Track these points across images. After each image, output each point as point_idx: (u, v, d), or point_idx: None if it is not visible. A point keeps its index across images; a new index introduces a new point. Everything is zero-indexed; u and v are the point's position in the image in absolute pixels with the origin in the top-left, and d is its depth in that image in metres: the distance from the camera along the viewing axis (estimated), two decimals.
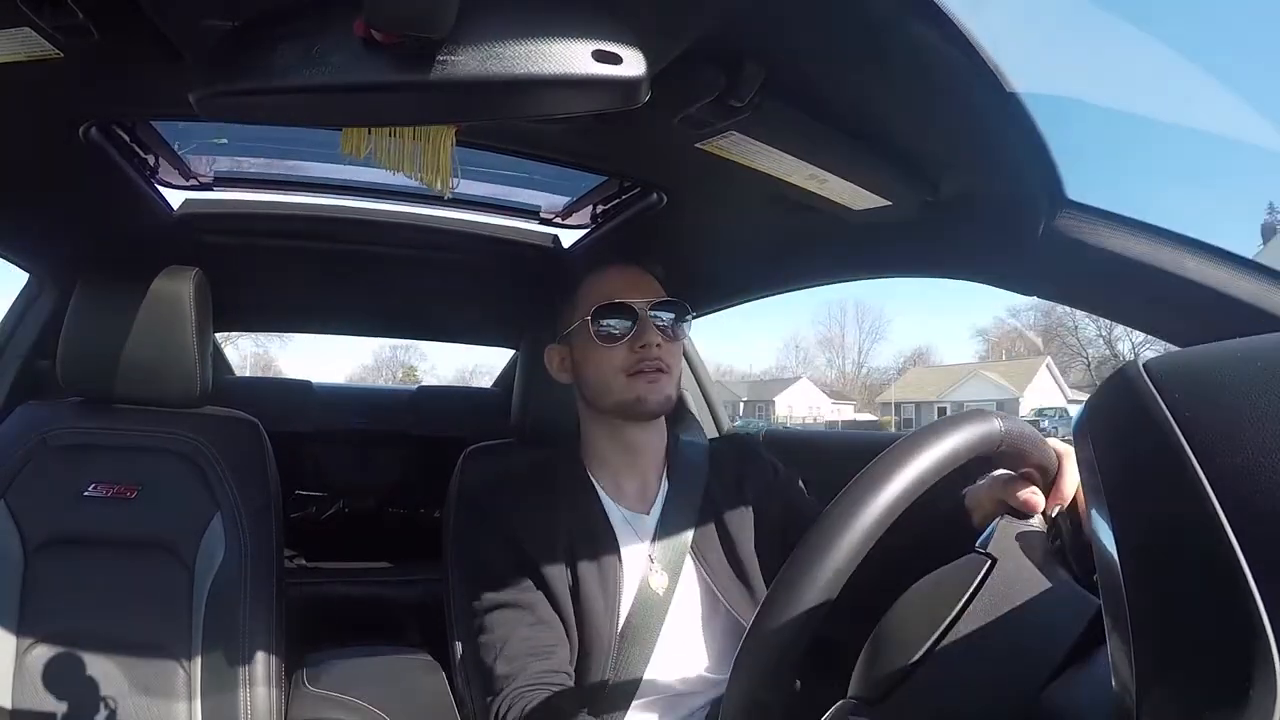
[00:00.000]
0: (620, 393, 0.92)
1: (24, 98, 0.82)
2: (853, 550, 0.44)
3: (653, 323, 0.92)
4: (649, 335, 0.91)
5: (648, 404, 0.91)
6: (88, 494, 1.05)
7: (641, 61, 0.60)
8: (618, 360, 0.91)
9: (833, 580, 0.44)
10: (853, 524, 0.45)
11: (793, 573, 0.45)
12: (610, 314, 0.92)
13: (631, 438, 0.96)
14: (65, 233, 1.28)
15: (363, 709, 1.11)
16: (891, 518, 0.45)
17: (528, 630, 0.87)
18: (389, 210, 1.43)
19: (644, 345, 0.91)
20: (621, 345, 0.91)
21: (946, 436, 0.48)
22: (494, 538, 0.93)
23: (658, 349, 0.91)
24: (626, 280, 0.94)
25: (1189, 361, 0.34)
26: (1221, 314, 0.70)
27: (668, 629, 0.89)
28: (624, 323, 0.91)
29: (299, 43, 0.59)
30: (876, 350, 40.74)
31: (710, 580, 0.93)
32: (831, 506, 0.46)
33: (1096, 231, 0.76)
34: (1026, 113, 0.69)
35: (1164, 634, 0.30)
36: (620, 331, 0.91)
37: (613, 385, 0.92)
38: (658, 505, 0.95)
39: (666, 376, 0.92)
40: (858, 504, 0.45)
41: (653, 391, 0.91)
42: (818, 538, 0.45)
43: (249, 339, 27.14)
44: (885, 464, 0.46)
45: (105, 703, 0.98)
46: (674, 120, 0.81)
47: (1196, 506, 0.28)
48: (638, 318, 0.91)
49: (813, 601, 0.43)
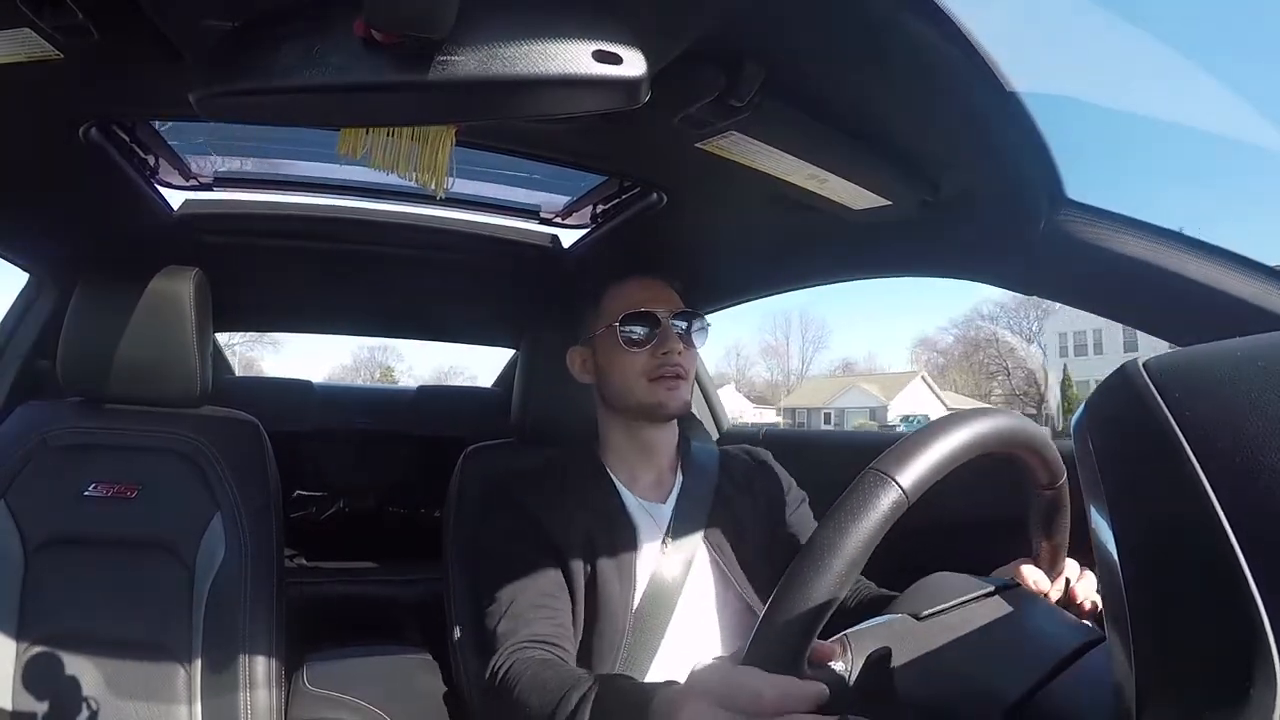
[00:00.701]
0: (642, 396, 0.97)
1: (24, 98, 0.82)
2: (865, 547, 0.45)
3: (674, 331, 0.98)
4: (671, 343, 0.97)
5: (668, 408, 0.97)
6: (88, 494, 1.05)
7: (642, 61, 0.60)
8: (640, 365, 0.97)
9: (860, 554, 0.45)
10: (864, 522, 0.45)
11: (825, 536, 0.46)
12: (636, 321, 0.98)
13: (648, 437, 1.01)
14: (65, 233, 1.28)
15: (363, 709, 1.11)
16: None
17: (534, 597, 0.89)
18: (389, 210, 1.43)
19: (666, 352, 0.97)
20: (644, 351, 0.97)
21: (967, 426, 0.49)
22: (513, 523, 0.95)
23: (678, 355, 0.97)
24: (652, 291, 1.01)
25: (1189, 361, 0.34)
26: (1221, 313, 0.70)
27: (681, 612, 0.93)
28: (648, 330, 0.98)
29: (299, 43, 0.59)
30: (819, 358, 43.51)
31: (723, 566, 0.97)
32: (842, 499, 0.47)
33: (1096, 231, 0.76)
34: (1026, 112, 0.69)
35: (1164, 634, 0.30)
36: (644, 338, 0.97)
37: (635, 388, 0.98)
38: (673, 496, 1.00)
39: (685, 382, 0.98)
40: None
41: (672, 397, 0.97)
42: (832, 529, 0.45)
43: (241, 344, 27.40)
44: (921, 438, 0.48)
45: (105, 703, 0.98)
46: (674, 120, 0.81)
47: (1196, 506, 0.28)
48: (661, 326, 0.97)
49: (839, 574, 0.44)
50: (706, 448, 1.09)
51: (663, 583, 0.93)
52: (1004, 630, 0.52)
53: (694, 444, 1.07)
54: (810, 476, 1.09)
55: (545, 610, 0.88)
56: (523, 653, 0.82)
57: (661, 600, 0.92)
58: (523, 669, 0.79)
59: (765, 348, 43.78)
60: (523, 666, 0.80)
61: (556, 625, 0.87)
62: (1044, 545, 0.63)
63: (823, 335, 44.30)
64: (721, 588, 0.97)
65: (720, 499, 1.01)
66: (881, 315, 55.93)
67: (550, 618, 0.87)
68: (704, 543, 0.97)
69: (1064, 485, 0.59)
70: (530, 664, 0.80)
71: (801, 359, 42.51)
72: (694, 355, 1.01)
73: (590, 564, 0.92)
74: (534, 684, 0.76)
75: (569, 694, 0.69)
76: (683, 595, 0.93)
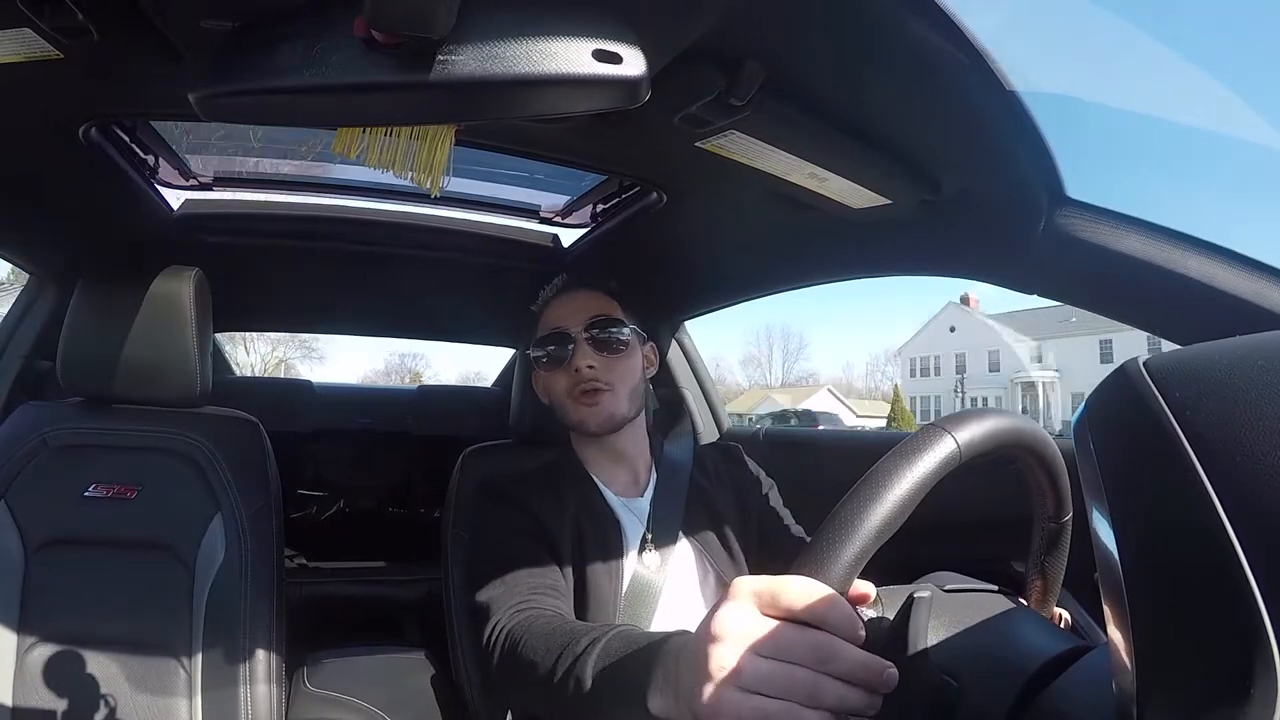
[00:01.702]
0: (567, 414, 1.00)
1: (24, 98, 0.82)
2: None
3: (586, 344, 0.97)
4: (578, 359, 0.97)
5: (587, 425, 0.98)
6: (88, 494, 1.05)
7: (642, 61, 0.60)
8: (561, 385, 0.99)
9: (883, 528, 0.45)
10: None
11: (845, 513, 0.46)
12: (547, 343, 0.99)
13: (610, 444, 1.02)
14: (65, 233, 1.28)
15: (363, 709, 1.11)
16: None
17: (529, 576, 0.88)
18: (389, 210, 1.43)
19: (577, 369, 0.97)
20: (562, 371, 0.98)
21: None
22: (511, 519, 0.95)
23: (590, 370, 0.96)
24: (570, 306, 1.00)
25: (1189, 360, 0.34)
26: (1222, 312, 0.70)
27: (666, 599, 0.95)
28: (560, 349, 0.98)
29: (299, 43, 0.59)
30: (798, 368, 48.59)
31: (704, 553, 0.99)
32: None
33: (1097, 230, 0.76)
34: (1026, 111, 0.69)
35: (1164, 634, 0.30)
36: (558, 357, 0.98)
37: (564, 408, 1.00)
38: (649, 491, 1.03)
39: (608, 394, 0.97)
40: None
41: (591, 414, 0.97)
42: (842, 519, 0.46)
43: (295, 358, 27.71)
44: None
45: (105, 703, 0.98)
46: (674, 119, 0.81)
47: (1197, 505, 0.28)
48: (573, 341, 0.97)
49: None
50: (681, 445, 1.11)
51: (647, 573, 0.96)
52: (1023, 615, 0.53)
53: (667, 443, 1.09)
54: (810, 476, 1.09)
55: (543, 579, 0.88)
56: (525, 612, 0.80)
57: (647, 590, 0.95)
58: (528, 623, 0.76)
59: (746, 358, 49.03)
60: (528, 621, 0.77)
61: (555, 590, 0.87)
62: (1038, 582, 0.62)
63: (800, 348, 50.78)
64: (703, 574, 0.99)
65: (695, 491, 1.03)
66: (850, 326, 58.67)
67: (550, 586, 0.87)
68: (683, 533, 1.00)
69: (1068, 523, 0.58)
70: (535, 619, 0.77)
71: (783, 368, 47.94)
72: (620, 362, 0.99)
73: (580, 557, 0.94)
74: (542, 632, 0.73)
75: (578, 639, 0.66)
76: (667, 584, 0.96)
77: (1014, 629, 0.51)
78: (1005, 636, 0.50)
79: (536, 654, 0.70)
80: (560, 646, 0.67)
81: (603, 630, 0.65)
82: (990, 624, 0.51)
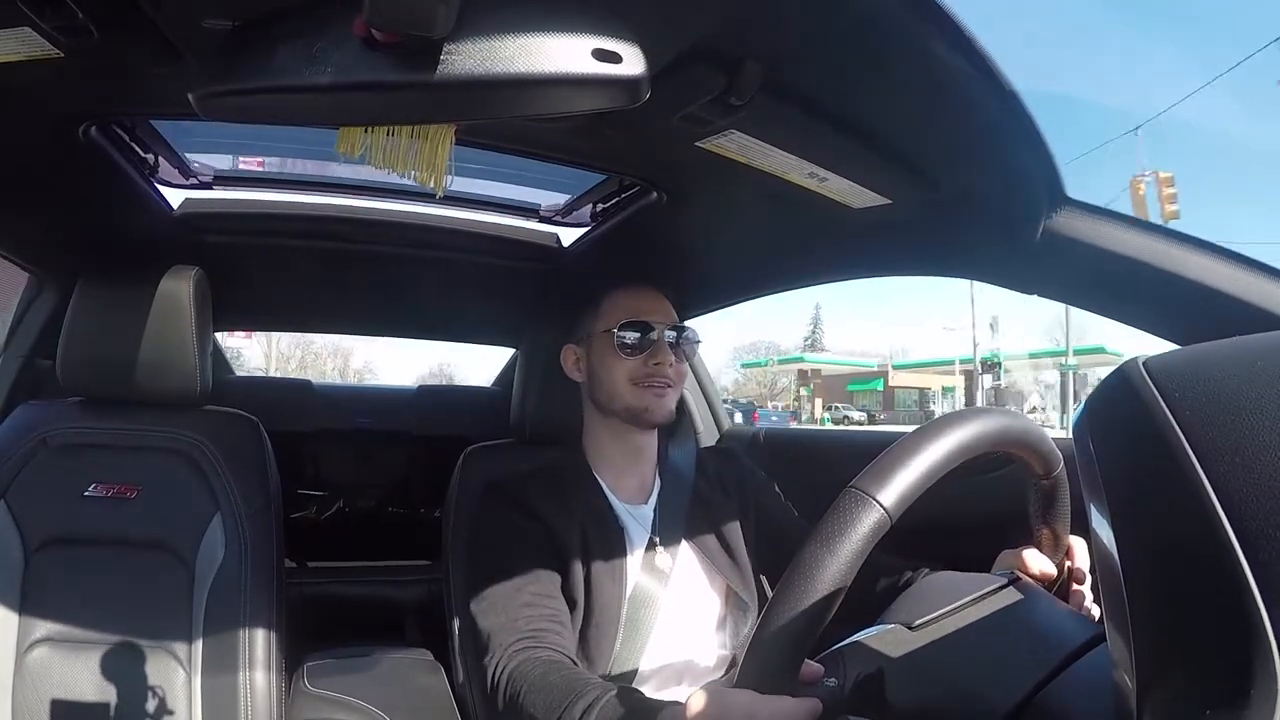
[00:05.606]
0: (630, 400, 1.01)
1: (24, 98, 0.82)
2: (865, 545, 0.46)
3: (667, 342, 1.02)
4: (663, 354, 1.01)
5: (653, 414, 1.01)
6: (88, 494, 1.05)
7: (641, 60, 0.60)
8: (631, 372, 1.01)
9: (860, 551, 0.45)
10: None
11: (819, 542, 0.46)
12: (632, 329, 1.03)
13: (634, 441, 1.05)
14: (65, 233, 1.28)
15: (363, 709, 1.11)
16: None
17: (532, 594, 0.90)
18: (389, 209, 1.43)
19: (658, 362, 1.01)
20: (637, 359, 1.02)
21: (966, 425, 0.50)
22: (513, 522, 0.96)
23: (669, 368, 1.02)
24: (650, 301, 1.06)
25: (1189, 360, 0.34)
26: (1221, 313, 0.70)
27: (670, 606, 0.97)
28: (643, 338, 1.02)
29: (299, 42, 0.59)
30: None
31: (707, 558, 1.02)
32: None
33: (1097, 230, 0.76)
34: (1026, 111, 0.69)
35: (1164, 634, 0.30)
36: (638, 346, 1.02)
37: (624, 392, 1.02)
38: (654, 498, 1.05)
39: (672, 391, 1.03)
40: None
41: (660, 404, 1.02)
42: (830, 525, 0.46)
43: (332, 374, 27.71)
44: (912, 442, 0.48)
45: (105, 702, 0.98)
46: (674, 119, 0.81)
47: (1196, 505, 0.28)
48: (656, 336, 1.02)
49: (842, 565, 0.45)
50: (684, 450, 1.14)
51: (652, 580, 0.98)
52: (1001, 633, 0.53)
53: (671, 448, 1.12)
54: (810, 476, 1.08)
55: (544, 608, 0.88)
56: (526, 653, 0.82)
57: (651, 596, 0.97)
58: (529, 669, 0.80)
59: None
60: (528, 667, 0.80)
61: (555, 622, 0.88)
62: (1044, 531, 0.64)
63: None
64: (707, 579, 1.01)
65: (698, 497, 1.06)
66: None
67: (550, 615, 0.88)
68: (687, 541, 1.02)
69: (1061, 473, 0.59)
70: (536, 664, 0.80)
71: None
72: (684, 368, 1.05)
73: (585, 564, 0.95)
74: (541, 685, 0.77)
75: (575, 701, 0.70)
76: (671, 590, 0.98)
77: (990, 656, 0.51)
78: (980, 667, 0.50)
79: (536, 709, 0.75)
80: (558, 707, 0.72)
81: (598, 693, 0.70)
82: (964, 653, 0.50)
